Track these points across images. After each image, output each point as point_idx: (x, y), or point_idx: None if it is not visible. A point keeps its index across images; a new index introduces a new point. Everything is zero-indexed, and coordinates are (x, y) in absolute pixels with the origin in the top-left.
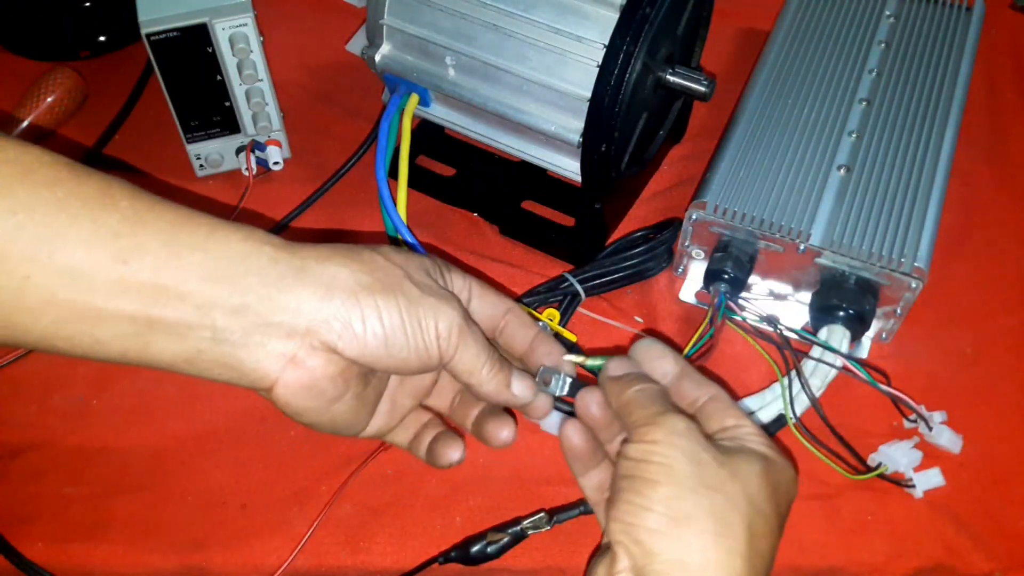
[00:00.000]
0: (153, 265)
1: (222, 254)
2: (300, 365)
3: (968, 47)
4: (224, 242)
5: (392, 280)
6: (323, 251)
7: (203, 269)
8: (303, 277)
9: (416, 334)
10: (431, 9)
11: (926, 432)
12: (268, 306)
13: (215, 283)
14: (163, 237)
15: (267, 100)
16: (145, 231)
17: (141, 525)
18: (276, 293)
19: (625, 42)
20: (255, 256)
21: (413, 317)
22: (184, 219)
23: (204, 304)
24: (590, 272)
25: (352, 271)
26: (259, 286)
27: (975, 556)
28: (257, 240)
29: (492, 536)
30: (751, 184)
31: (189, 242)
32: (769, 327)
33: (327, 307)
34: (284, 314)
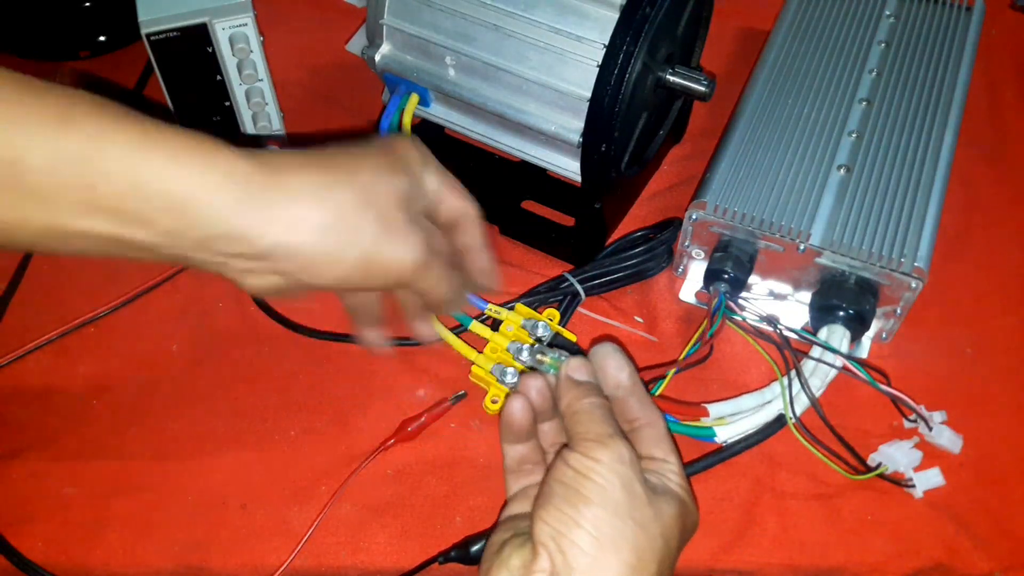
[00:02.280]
0: (118, 192)
1: (184, 184)
2: (260, 278)
3: (968, 47)
4: (187, 169)
5: (359, 224)
6: (294, 181)
7: (164, 200)
8: (268, 215)
9: (372, 275)
10: (431, 9)
11: (926, 432)
12: (230, 242)
13: (178, 215)
14: (126, 162)
15: (267, 100)
16: (107, 155)
17: (141, 525)
18: (239, 231)
19: (625, 42)
20: (218, 192)
21: (371, 260)
22: (149, 142)
23: (169, 232)
24: (590, 272)
25: (319, 213)
26: (220, 221)
27: (975, 556)
28: (223, 171)
29: None
30: (751, 184)
31: (151, 171)
32: (769, 327)
33: (287, 245)
34: (244, 246)
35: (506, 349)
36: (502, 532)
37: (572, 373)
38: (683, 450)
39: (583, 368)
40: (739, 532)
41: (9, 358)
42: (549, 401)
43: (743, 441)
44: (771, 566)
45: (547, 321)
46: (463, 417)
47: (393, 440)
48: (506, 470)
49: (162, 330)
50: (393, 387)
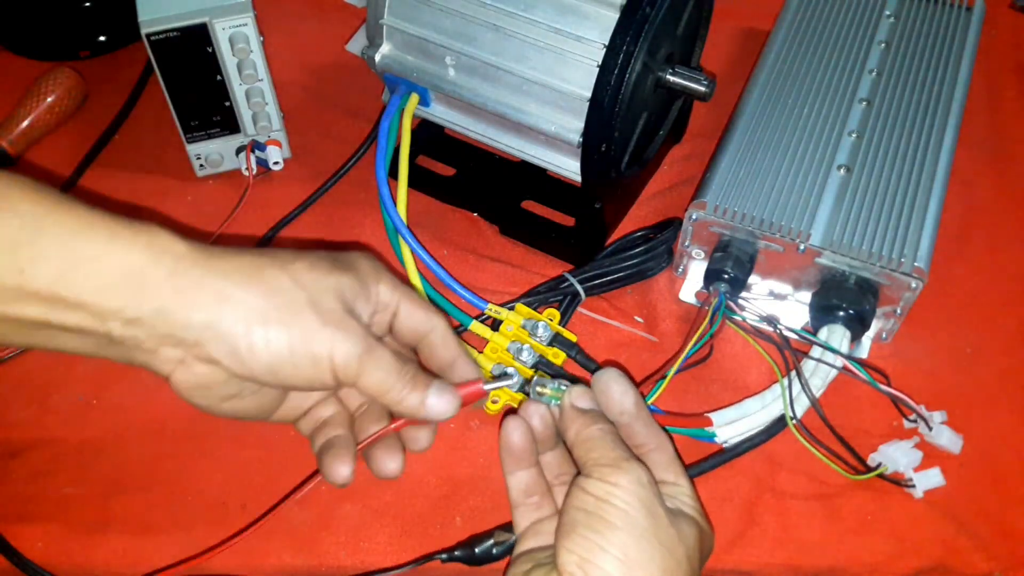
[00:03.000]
0: (50, 276)
1: (119, 266)
2: (189, 370)
3: (968, 47)
4: (124, 251)
5: (290, 308)
6: (227, 264)
7: (99, 281)
8: (198, 294)
9: (304, 365)
10: (431, 9)
11: (926, 432)
12: (161, 321)
13: (111, 295)
14: (62, 245)
15: (267, 100)
16: (44, 239)
17: (141, 525)
18: (171, 310)
19: (625, 42)
20: (152, 268)
21: (303, 349)
22: (85, 225)
23: (100, 314)
24: (590, 272)
25: (249, 294)
26: (153, 300)
27: (975, 556)
28: (158, 250)
29: (499, 536)
30: (751, 184)
31: (87, 251)
32: (769, 327)
33: (215, 327)
34: (174, 328)
35: (506, 349)
36: (522, 565)
37: (576, 402)
38: (684, 451)
39: (586, 396)
40: (739, 532)
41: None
42: (551, 429)
43: (744, 442)
44: (771, 566)
45: (547, 321)
46: (463, 417)
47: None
48: (512, 504)
49: None
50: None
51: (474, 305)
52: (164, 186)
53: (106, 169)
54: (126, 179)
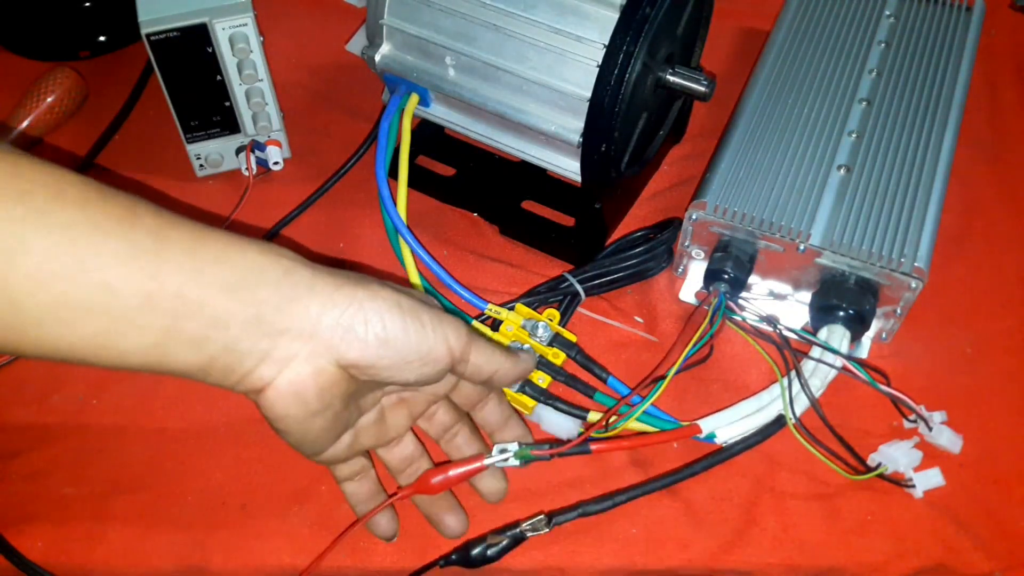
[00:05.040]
0: (178, 279)
1: (240, 265)
2: (294, 371)
3: (968, 47)
4: (241, 254)
5: (398, 301)
6: (332, 271)
7: (223, 281)
8: (313, 288)
9: (421, 337)
10: (431, 9)
11: (926, 432)
12: (278, 316)
13: (233, 294)
14: (187, 252)
15: (267, 100)
16: (170, 247)
17: (141, 525)
18: (287, 303)
19: (625, 42)
20: (271, 268)
21: (417, 321)
22: (204, 234)
23: (222, 315)
24: (590, 272)
25: (357, 291)
26: (272, 297)
27: (975, 556)
28: (273, 253)
29: (492, 539)
30: (751, 184)
31: (210, 255)
32: (769, 327)
33: (331, 313)
34: (291, 321)
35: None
36: None
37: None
38: (684, 451)
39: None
40: (739, 532)
41: (9, 358)
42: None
43: (743, 442)
44: (771, 566)
45: (547, 321)
46: None
47: (412, 491)
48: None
49: None
50: None
51: (474, 305)
52: (164, 186)
53: (106, 169)
54: (126, 179)
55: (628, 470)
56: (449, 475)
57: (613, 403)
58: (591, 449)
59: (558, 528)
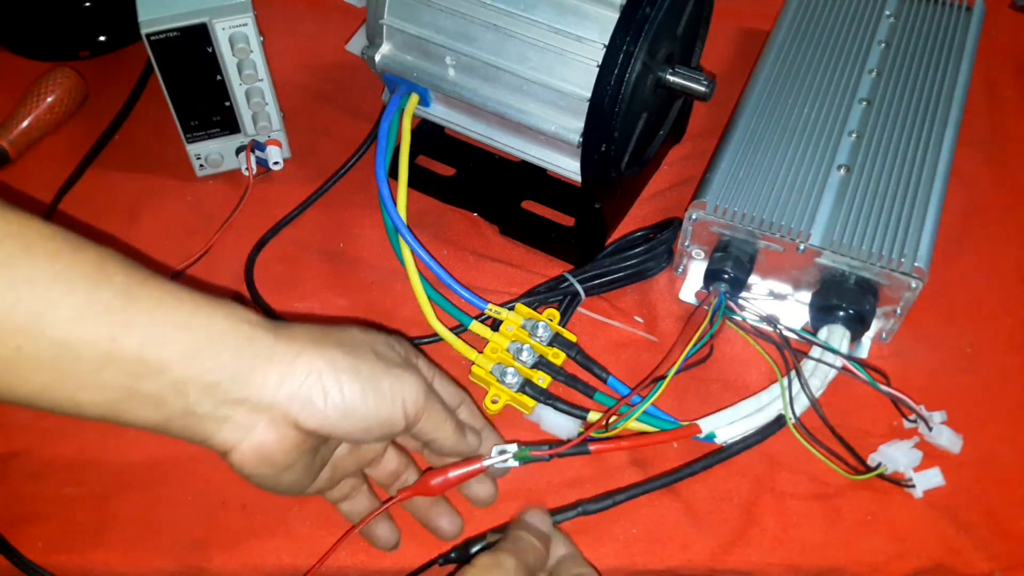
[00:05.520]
0: (140, 341)
1: (204, 330)
2: (257, 438)
3: (968, 47)
4: (207, 319)
5: (357, 354)
6: (294, 330)
7: (184, 347)
8: (271, 357)
9: (379, 404)
10: (431, 9)
11: (926, 432)
12: (238, 384)
13: (193, 360)
14: (151, 313)
15: (267, 100)
16: (135, 307)
17: (141, 525)
18: (247, 372)
19: (625, 42)
20: (232, 335)
21: (376, 389)
22: (171, 295)
23: (181, 380)
24: (590, 272)
25: (318, 351)
26: (232, 365)
27: (975, 556)
28: (237, 318)
29: (491, 537)
30: (751, 184)
31: (174, 319)
32: (769, 327)
33: (289, 384)
34: (250, 391)
35: (506, 349)
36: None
37: (533, 523)
38: (684, 451)
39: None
40: (739, 532)
41: None
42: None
43: (743, 442)
44: (771, 566)
45: (547, 321)
46: None
47: (411, 493)
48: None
49: None
50: None
51: (474, 305)
52: (164, 186)
53: (106, 169)
54: (126, 179)
55: (628, 470)
56: (449, 476)
57: (613, 403)
58: (590, 450)
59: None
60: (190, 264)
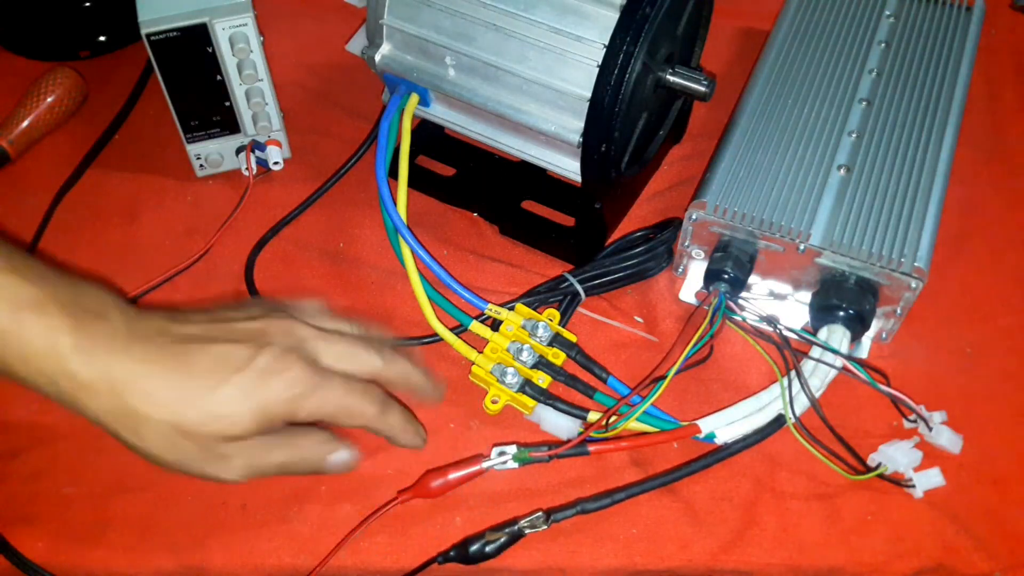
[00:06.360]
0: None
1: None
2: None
3: (968, 47)
4: (31, 329)
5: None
6: (100, 346)
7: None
8: (75, 376)
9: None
10: (431, 9)
11: (926, 432)
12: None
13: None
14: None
15: (267, 100)
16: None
17: (141, 525)
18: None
19: (625, 42)
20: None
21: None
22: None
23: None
24: (590, 272)
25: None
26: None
27: (975, 556)
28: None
29: (490, 535)
30: (751, 184)
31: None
32: (769, 327)
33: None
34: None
35: (506, 349)
36: None
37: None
38: (683, 450)
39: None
40: (739, 532)
41: None
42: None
43: (742, 441)
44: (771, 566)
45: (547, 321)
46: (462, 417)
47: (411, 495)
48: None
49: None
50: None
51: (474, 305)
52: (164, 186)
53: (106, 169)
54: (126, 179)
55: (628, 470)
56: (448, 478)
57: (613, 403)
58: (589, 450)
59: (557, 527)
60: (190, 264)
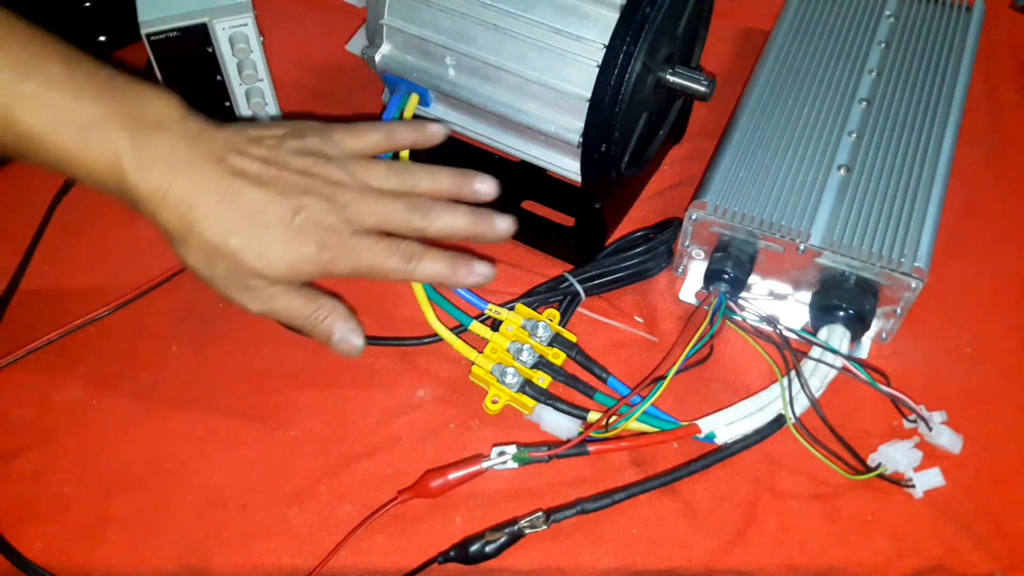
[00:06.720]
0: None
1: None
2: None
3: (968, 47)
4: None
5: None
6: (161, 163)
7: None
8: (138, 186)
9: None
10: (431, 9)
11: (926, 432)
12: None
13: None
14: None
15: (267, 100)
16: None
17: (141, 525)
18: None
19: (625, 42)
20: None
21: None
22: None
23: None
24: (590, 272)
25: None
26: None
27: (975, 556)
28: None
29: (490, 535)
30: (751, 184)
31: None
32: (769, 327)
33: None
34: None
35: (506, 349)
36: None
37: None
38: (683, 450)
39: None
40: (739, 532)
41: (9, 358)
42: None
43: (742, 441)
44: (771, 566)
45: (547, 321)
46: (463, 417)
47: (411, 495)
48: None
49: (162, 330)
50: (393, 387)
51: (474, 305)
52: None
53: None
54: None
55: (628, 470)
56: (448, 478)
57: (613, 403)
58: (589, 450)
59: (557, 528)
60: None
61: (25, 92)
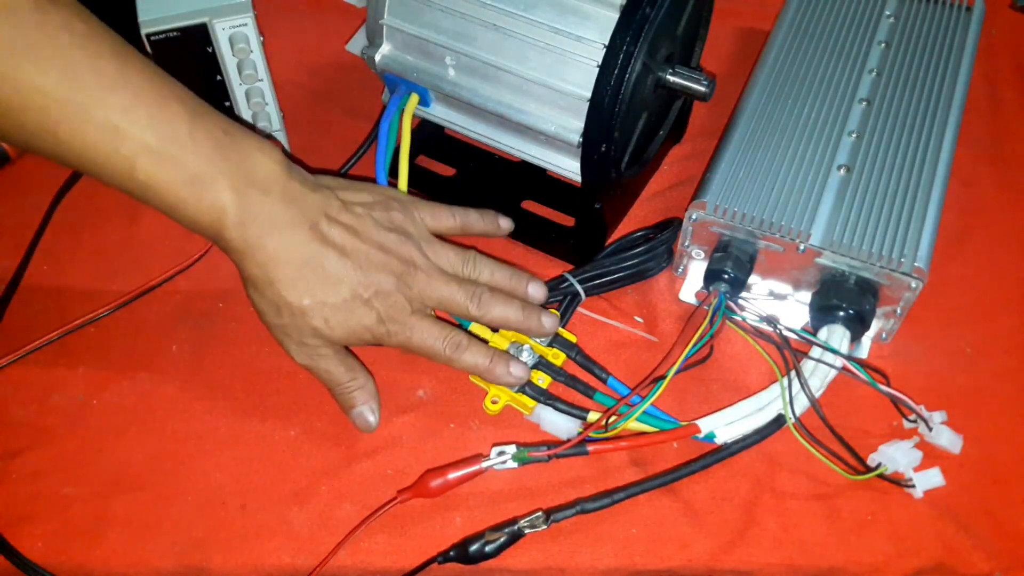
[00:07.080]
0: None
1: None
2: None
3: (968, 47)
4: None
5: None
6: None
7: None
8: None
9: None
10: (431, 9)
11: (926, 432)
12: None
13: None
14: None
15: (267, 100)
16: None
17: (141, 525)
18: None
19: (625, 42)
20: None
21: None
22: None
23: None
24: (590, 272)
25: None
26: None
27: (975, 556)
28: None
29: (490, 535)
30: (751, 184)
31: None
32: (769, 327)
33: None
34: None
35: (506, 349)
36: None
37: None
38: (683, 450)
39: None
40: (739, 532)
41: (9, 358)
42: None
43: (742, 441)
44: (771, 566)
45: None
46: (462, 417)
47: (411, 495)
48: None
49: (162, 330)
50: (393, 387)
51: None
52: None
53: None
54: None
55: (628, 470)
56: (448, 478)
57: (613, 403)
58: (589, 450)
59: (557, 528)
60: (190, 264)
61: (151, 146)
